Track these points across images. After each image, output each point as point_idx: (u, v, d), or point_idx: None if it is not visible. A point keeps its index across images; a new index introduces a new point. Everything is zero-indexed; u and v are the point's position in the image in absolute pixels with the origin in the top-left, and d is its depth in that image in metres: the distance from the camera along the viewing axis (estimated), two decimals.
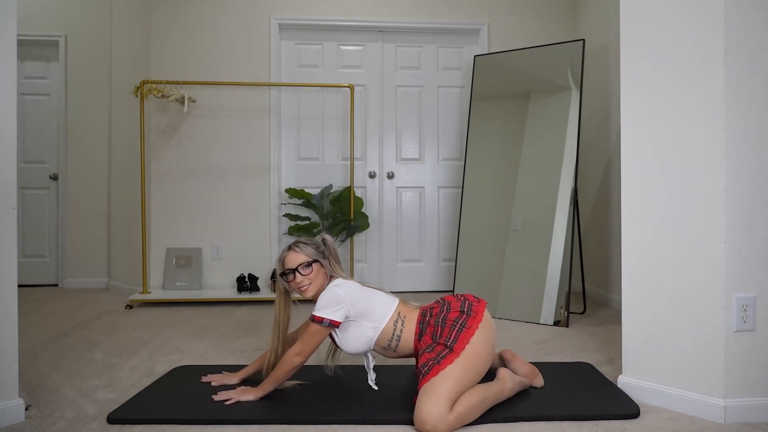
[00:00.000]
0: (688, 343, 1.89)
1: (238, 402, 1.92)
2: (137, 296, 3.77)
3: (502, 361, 2.13)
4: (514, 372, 2.04)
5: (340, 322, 1.90)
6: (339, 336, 1.97)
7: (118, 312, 3.58)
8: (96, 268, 4.56)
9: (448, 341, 1.82)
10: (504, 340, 2.86)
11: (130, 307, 3.69)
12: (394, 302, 2.00)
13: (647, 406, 1.93)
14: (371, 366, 2.03)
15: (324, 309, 1.89)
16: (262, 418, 1.81)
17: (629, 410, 1.86)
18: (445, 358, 1.79)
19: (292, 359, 1.91)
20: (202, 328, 3.14)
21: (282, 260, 2.02)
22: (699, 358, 1.87)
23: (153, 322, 3.27)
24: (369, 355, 2.03)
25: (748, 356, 1.82)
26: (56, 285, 4.60)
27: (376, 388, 2.02)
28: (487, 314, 1.94)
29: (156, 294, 3.86)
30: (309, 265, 1.98)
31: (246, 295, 3.81)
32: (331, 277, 2.03)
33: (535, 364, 2.21)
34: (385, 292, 2.04)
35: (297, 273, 1.97)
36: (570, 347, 2.72)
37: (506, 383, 1.91)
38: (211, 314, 3.49)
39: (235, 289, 4.00)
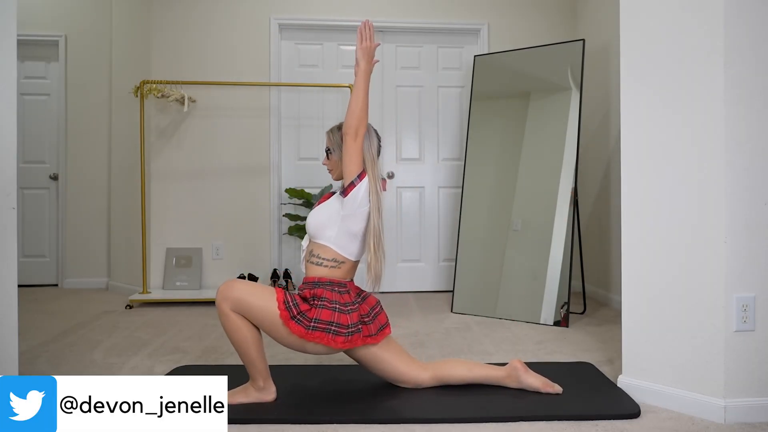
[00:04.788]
0: (688, 343, 1.89)
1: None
2: (137, 296, 3.77)
3: (515, 371, 2.03)
4: (527, 386, 2.00)
5: (365, 175, 1.96)
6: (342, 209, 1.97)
7: (118, 312, 3.58)
8: (96, 268, 4.55)
9: (380, 328, 2.01)
10: (504, 340, 2.86)
11: (130, 307, 3.69)
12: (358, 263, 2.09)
13: (647, 406, 1.93)
14: (303, 254, 2.08)
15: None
16: (262, 418, 1.81)
17: (629, 410, 1.86)
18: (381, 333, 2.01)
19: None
20: (202, 328, 3.14)
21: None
22: (699, 358, 1.87)
23: (153, 322, 3.27)
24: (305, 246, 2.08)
25: (748, 356, 1.82)
26: (56, 285, 4.60)
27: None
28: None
29: (156, 294, 3.86)
30: (327, 151, 2.09)
31: None
32: (363, 173, 1.98)
33: (535, 364, 2.21)
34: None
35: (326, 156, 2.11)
36: (570, 347, 2.72)
37: (504, 376, 2.02)
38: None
39: None
